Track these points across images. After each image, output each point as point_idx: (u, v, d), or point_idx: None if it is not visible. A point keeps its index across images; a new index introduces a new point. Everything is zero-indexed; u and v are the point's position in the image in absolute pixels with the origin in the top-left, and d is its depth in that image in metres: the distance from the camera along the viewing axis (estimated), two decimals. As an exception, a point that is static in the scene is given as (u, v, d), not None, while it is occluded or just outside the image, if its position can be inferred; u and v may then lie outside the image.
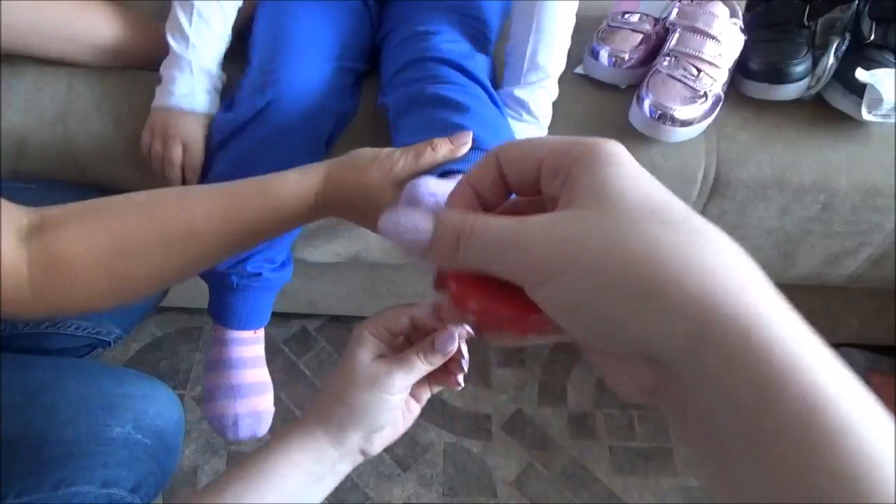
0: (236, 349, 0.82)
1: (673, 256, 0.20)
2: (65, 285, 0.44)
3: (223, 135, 0.74)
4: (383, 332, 0.43)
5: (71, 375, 0.63)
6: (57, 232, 0.44)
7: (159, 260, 0.46)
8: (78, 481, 0.57)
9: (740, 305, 0.19)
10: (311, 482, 0.42)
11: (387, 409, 0.41)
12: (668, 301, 0.20)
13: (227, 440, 0.96)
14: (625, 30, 0.82)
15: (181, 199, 0.48)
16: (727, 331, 0.19)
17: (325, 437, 0.42)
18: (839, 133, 0.80)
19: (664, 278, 0.20)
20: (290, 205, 0.48)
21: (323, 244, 0.91)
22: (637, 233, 0.21)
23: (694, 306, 0.19)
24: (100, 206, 0.47)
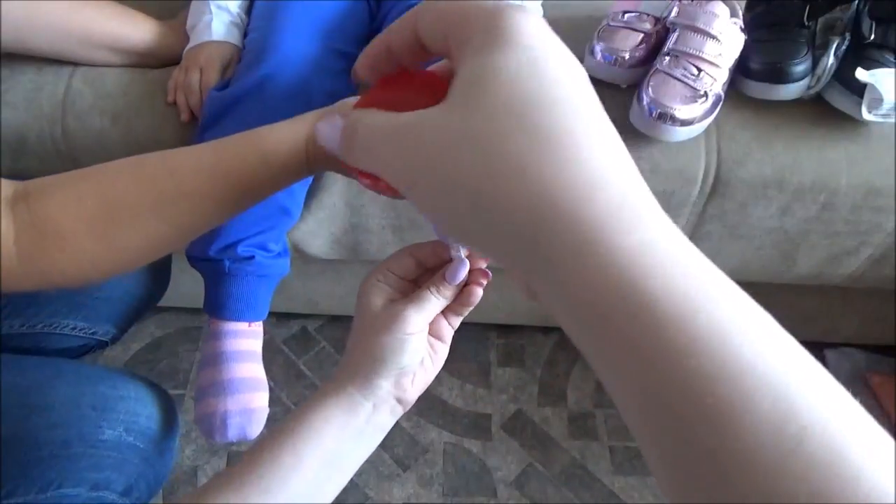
0: (229, 342, 0.79)
1: (513, 169, 0.20)
2: (54, 253, 0.43)
3: (216, 111, 0.74)
4: (391, 277, 0.42)
5: (64, 377, 0.62)
6: (43, 199, 0.43)
7: (151, 222, 0.45)
8: (67, 483, 0.57)
9: (575, 221, 0.19)
10: (348, 438, 0.41)
11: (407, 349, 0.40)
12: (501, 214, 0.20)
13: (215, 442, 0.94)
14: (625, 29, 0.82)
15: (168, 159, 0.46)
16: (558, 246, 0.19)
17: (355, 388, 0.41)
18: (839, 133, 0.80)
19: (500, 191, 0.20)
20: (281, 155, 0.46)
21: (321, 233, 0.91)
22: (487, 140, 0.20)
23: (525, 224, 0.19)
24: (87, 173, 0.45)
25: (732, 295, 0.19)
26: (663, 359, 0.18)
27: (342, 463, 0.41)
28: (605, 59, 0.80)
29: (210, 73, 0.79)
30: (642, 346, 0.18)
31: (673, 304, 0.18)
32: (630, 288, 0.18)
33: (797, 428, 0.16)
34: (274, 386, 1.17)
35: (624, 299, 0.18)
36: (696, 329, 0.18)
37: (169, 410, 0.68)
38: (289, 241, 0.89)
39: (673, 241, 0.19)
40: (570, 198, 0.19)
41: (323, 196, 0.85)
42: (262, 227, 0.78)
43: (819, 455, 0.16)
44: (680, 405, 0.17)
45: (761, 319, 0.19)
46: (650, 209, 0.20)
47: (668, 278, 0.18)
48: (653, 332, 0.18)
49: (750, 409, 0.17)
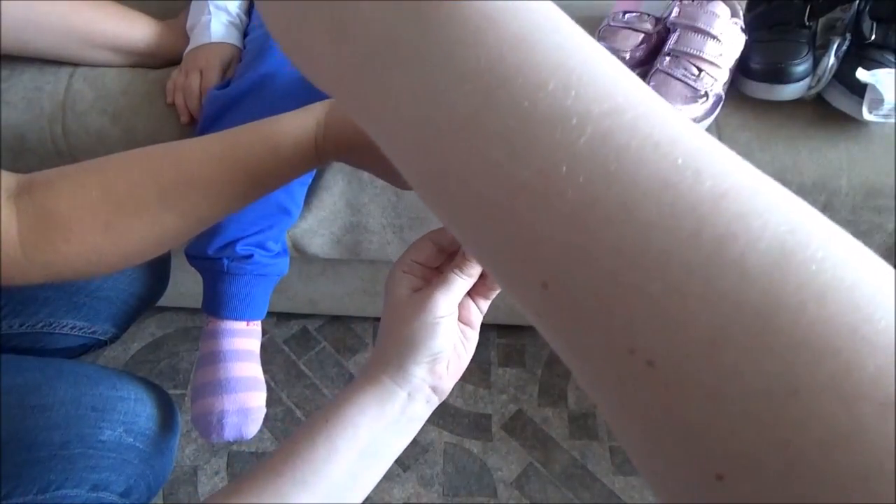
0: (227, 340, 0.78)
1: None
2: (59, 244, 0.42)
3: (216, 109, 0.74)
4: (415, 266, 0.42)
5: (64, 377, 0.62)
6: (48, 190, 0.42)
7: (158, 213, 0.44)
8: (66, 484, 0.57)
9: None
10: (383, 429, 0.40)
11: (439, 333, 0.40)
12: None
13: (212, 443, 0.94)
14: (625, 29, 0.82)
15: (175, 150, 0.46)
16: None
17: (388, 377, 0.40)
18: (840, 133, 0.80)
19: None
20: (290, 145, 0.46)
21: (321, 233, 0.91)
22: None
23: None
24: (92, 164, 0.45)
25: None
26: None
27: (378, 454, 0.41)
28: (606, 59, 0.80)
29: (210, 76, 0.79)
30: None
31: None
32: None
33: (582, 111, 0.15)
34: (274, 386, 1.17)
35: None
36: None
37: (168, 411, 0.68)
38: (289, 240, 0.89)
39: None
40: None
41: (323, 195, 0.85)
42: (261, 226, 0.78)
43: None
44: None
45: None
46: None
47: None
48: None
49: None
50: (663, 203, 0.14)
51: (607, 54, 0.16)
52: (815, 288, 0.13)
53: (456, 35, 0.16)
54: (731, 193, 0.14)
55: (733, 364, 0.13)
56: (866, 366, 0.12)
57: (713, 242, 0.14)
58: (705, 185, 0.14)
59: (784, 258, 0.14)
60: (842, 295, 0.13)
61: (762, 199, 0.15)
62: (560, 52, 0.16)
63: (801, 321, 0.13)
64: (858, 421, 0.12)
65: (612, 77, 0.16)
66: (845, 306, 0.13)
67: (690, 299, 0.14)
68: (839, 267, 0.14)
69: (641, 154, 0.15)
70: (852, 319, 0.13)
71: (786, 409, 0.13)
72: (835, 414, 0.12)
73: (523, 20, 0.16)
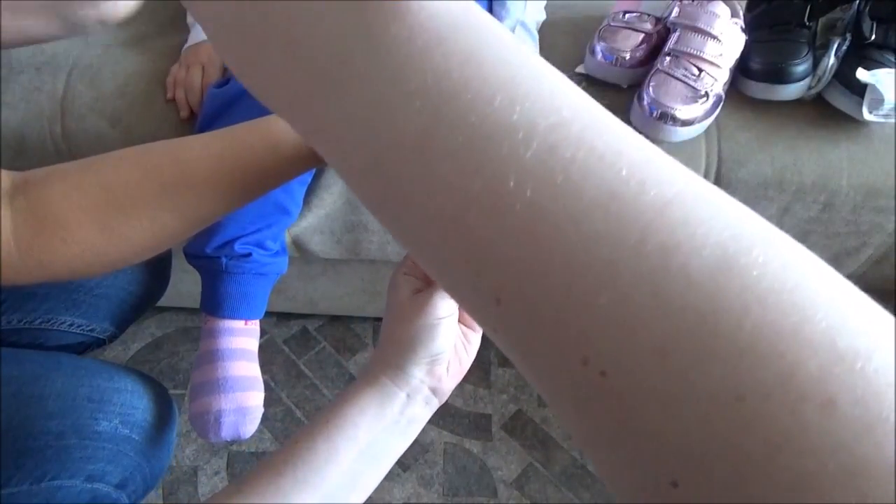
0: (225, 339, 0.78)
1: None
2: (56, 244, 0.41)
3: (215, 107, 0.74)
4: (416, 268, 0.42)
5: (61, 369, 0.62)
6: (44, 189, 0.41)
7: (157, 212, 0.44)
8: (61, 475, 0.56)
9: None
10: (383, 430, 0.40)
11: (438, 334, 0.40)
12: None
13: (210, 442, 0.94)
14: (626, 29, 0.82)
15: (174, 148, 0.45)
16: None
17: (388, 378, 0.41)
18: (840, 133, 0.80)
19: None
20: (290, 143, 0.45)
21: (321, 232, 0.91)
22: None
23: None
24: (89, 162, 0.44)
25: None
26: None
27: (378, 455, 0.41)
28: (606, 58, 0.80)
29: (212, 71, 0.79)
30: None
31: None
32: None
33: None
34: (274, 386, 1.17)
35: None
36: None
37: (165, 405, 0.67)
38: (289, 239, 0.89)
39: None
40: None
41: (323, 194, 0.85)
42: (260, 225, 0.77)
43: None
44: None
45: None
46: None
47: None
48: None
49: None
50: (609, 214, 0.14)
51: (553, 69, 0.17)
52: (757, 292, 0.13)
53: (404, 54, 0.16)
54: (675, 202, 0.15)
55: (682, 371, 0.13)
56: (808, 367, 0.13)
57: (658, 251, 0.14)
58: (650, 195, 0.15)
59: (726, 263, 0.14)
60: (783, 297, 0.13)
61: (706, 206, 0.15)
62: (507, 67, 0.16)
63: (745, 325, 0.13)
64: (802, 422, 0.12)
65: (558, 91, 0.16)
66: (787, 308, 0.13)
67: (638, 308, 0.14)
68: (781, 270, 0.14)
69: (587, 166, 0.15)
70: (794, 321, 0.13)
71: (733, 413, 0.13)
72: (779, 416, 0.13)
73: (470, 38, 0.16)
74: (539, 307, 0.15)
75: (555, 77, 0.16)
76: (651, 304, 0.14)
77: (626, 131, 0.16)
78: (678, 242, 0.14)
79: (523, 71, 0.16)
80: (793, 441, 0.12)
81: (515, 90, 0.15)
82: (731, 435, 0.13)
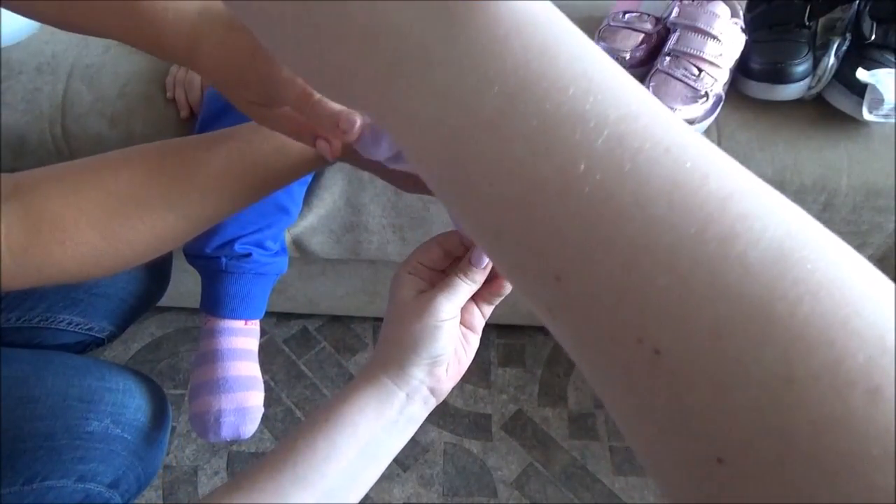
0: (225, 339, 0.78)
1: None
2: (52, 247, 0.40)
3: (216, 107, 0.74)
4: (420, 269, 0.42)
5: (52, 368, 0.61)
6: (38, 191, 0.40)
7: (160, 213, 0.43)
8: (52, 475, 0.56)
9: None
10: (382, 428, 0.40)
11: (439, 337, 0.40)
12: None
13: (209, 442, 0.94)
14: (625, 29, 0.82)
15: (178, 148, 0.44)
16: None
17: (388, 378, 0.41)
18: (840, 133, 0.80)
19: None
20: (296, 144, 0.44)
21: (322, 232, 0.91)
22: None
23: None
24: (88, 163, 0.44)
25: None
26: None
27: (376, 453, 0.41)
28: (606, 59, 0.80)
29: None
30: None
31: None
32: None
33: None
34: (274, 386, 1.17)
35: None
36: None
37: (159, 403, 0.67)
38: (289, 239, 0.89)
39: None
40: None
41: (324, 194, 0.85)
42: (260, 225, 0.77)
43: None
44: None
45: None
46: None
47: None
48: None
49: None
50: (673, 201, 0.15)
51: (620, 67, 0.18)
52: (810, 284, 0.14)
53: (484, 42, 0.17)
54: (735, 195, 0.15)
55: (735, 353, 0.14)
56: (857, 356, 0.13)
57: (718, 239, 0.15)
58: (712, 187, 0.15)
59: (782, 256, 0.15)
60: (834, 291, 0.14)
61: (763, 202, 0.16)
62: (579, 61, 0.17)
63: (798, 314, 0.14)
64: (848, 407, 0.13)
65: (626, 86, 0.17)
66: (838, 301, 0.14)
67: (696, 291, 0.15)
68: (832, 267, 0.15)
69: (653, 156, 0.16)
70: (844, 313, 0.14)
71: (782, 395, 0.14)
72: (827, 401, 0.13)
73: (547, 32, 0.17)
74: (599, 286, 0.16)
75: (623, 74, 0.17)
76: (708, 289, 0.15)
77: (687, 128, 0.17)
78: (737, 233, 0.15)
79: (595, 66, 0.17)
80: (838, 424, 0.13)
81: (588, 83, 0.16)
82: (778, 416, 0.14)
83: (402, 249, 0.92)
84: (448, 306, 0.40)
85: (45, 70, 0.82)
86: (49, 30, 0.87)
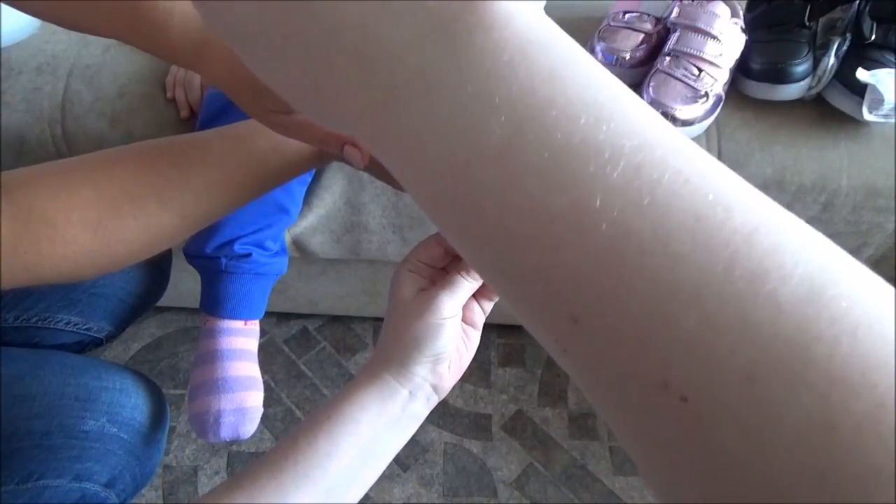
0: (224, 339, 0.78)
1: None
2: (42, 245, 0.40)
3: (215, 107, 0.74)
4: (421, 266, 0.42)
5: (49, 367, 0.61)
6: (29, 189, 0.40)
7: (155, 212, 0.42)
8: (48, 474, 0.56)
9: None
10: (384, 426, 0.40)
11: (441, 335, 0.40)
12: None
13: (209, 442, 0.94)
14: (626, 29, 0.82)
15: (174, 146, 0.44)
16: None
17: (390, 375, 0.41)
18: (840, 133, 0.80)
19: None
20: (292, 143, 0.44)
21: (322, 232, 0.91)
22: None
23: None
24: (81, 160, 0.43)
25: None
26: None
27: (378, 451, 0.41)
28: (606, 59, 0.80)
29: None
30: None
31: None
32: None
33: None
34: (274, 386, 1.17)
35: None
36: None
37: (157, 403, 0.67)
38: (289, 239, 0.89)
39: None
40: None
41: (324, 194, 0.85)
42: (260, 225, 0.77)
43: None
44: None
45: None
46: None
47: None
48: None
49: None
50: (697, 236, 0.14)
51: (632, 92, 0.17)
52: (847, 323, 0.13)
53: (488, 67, 0.16)
54: (762, 229, 0.14)
55: (770, 398, 0.13)
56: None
57: (747, 276, 0.14)
58: (737, 221, 0.14)
59: (816, 294, 0.14)
60: (873, 330, 0.13)
61: (792, 236, 0.15)
62: (590, 88, 0.16)
63: (836, 355, 0.13)
64: (894, 456, 0.12)
65: (639, 114, 0.16)
66: (877, 341, 0.13)
67: (726, 333, 0.14)
68: (868, 304, 0.14)
69: (673, 188, 0.15)
70: (884, 354, 0.13)
71: (823, 443, 0.13)
72: (873, 449, 0.12)
73: (554, 56, 0.16)
74: (620, 328, 0.15)
75: (635, 100, 0.16)
76: (739, 330, 0.14)
77: (706, 156, 0.16)
78: (767, 270, 0.14)
79: (606, 91, 0.16)
80: (883, 475, 0.12)
81: (600, 110, 0.15)
82: (821, 464, 0.13)
83: (402, 249, 0.92)
84: (450, 304, 0.40)
85: (45, 70, 0.82)
86: (49, 30, 0.87)
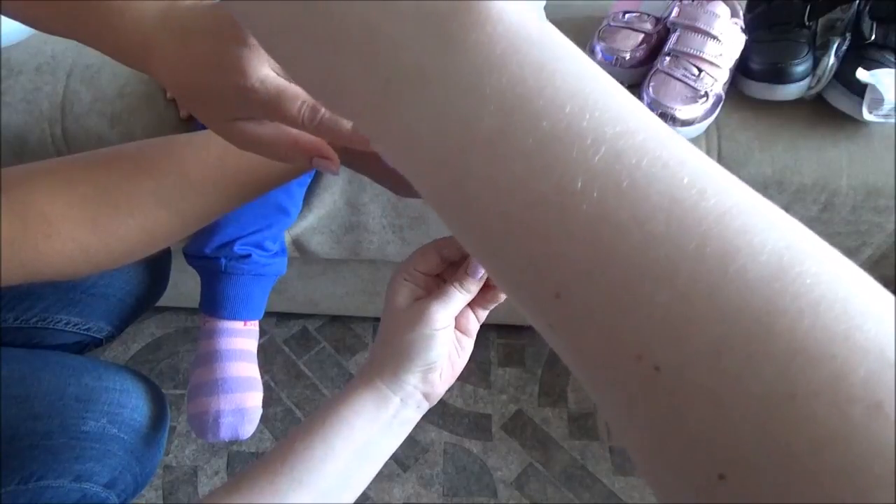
0: (224, 340, 0.78)
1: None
2: (39, 241, 0.40)
3: None
4: (417, 275, 0.43)
5: (49, 368, 0.61)
6: (26, 186, 0.40)
7: (152, 210, 0.42)
8: (48, 475, 0.56)
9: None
10: (377, 431, 0.41)
11: (434, 345, 0.41)
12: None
13: (207, 442, 0.94)
14: (625, 29, 0.82)
15: (172, 146, 0.44)
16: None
17: (383, 383, 0.41)
18: (840, 133, 0.80)
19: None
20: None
21: (322, 232, 0.91)
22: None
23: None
24: (78, 158, 0.43)
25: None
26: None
27: (371, 455, 0.42)
28: (606, 59, 0.80)
29: None
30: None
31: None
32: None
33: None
34: (274, 386, 1.17)
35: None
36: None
37: (157, 403, 0.67)
38: (289, 239, 0.89)
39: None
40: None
41: (324, 195, 0.85)
42: (260, 226, 0.77)
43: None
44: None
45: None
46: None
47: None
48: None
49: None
50: (671, 217, 0.15)
51: (618, 85, 0.18)
52: (810, 298, 0.14)
53: (481, 60, 0.17)
54: (733, 211, 0.15)
55: (735, 369, 0.14)
56: (858, 371, 0.13)
57: (717, 255, 0.15)
58: (710, 202, 0.15)
59: (782, 271, 0.14)
60: (835, 305, 0.14)
61: (761, 217, 0.16)
62: (577, 79, 0.17)
63: (799, 328, 0.14)
64: (850, 423, 0.13)
65: (623, 104, 0.17)
66: (839, 316, 0.14)
67: (696, 308, 0.15)
68: (832, 281, 0.15)
69: (651, 172, 0.16)
70: (845, 328, 0.14)
71: (783, 411, 0.13)
72: (828, 416, 0.13)
73: (544, 51, 0.17)
74: (598, 303, 0.16)
75: (622, 92, 0.17)
76: (708, 305, 0.15)
77: (686, 144, 0.17)
78: (737, 248, 0.15)
79: (593, 84, 0.17)
80: (839, 440, 0.13)
81: (585, 100, 0.16)
82: (779, 432, 0.13)
83: (402, 249, 0.92)
84: (442, 315, 0.40)
85: (45, 70, 0.82)
86: (49, 30, 0.87)
